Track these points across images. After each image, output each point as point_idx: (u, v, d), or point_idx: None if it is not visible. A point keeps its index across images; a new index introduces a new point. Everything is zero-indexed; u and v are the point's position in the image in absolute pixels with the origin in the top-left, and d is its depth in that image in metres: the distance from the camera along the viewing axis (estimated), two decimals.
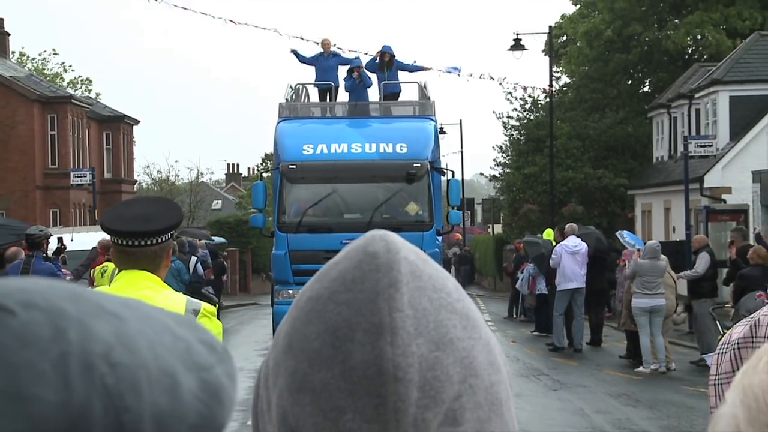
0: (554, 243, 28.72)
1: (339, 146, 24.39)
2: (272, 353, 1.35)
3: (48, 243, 18.77)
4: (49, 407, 0.83)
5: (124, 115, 60.47)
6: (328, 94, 29.29)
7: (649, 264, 21.75)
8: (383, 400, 1.22)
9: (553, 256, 25.91)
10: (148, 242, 5.06)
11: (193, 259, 30.45)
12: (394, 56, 28.81)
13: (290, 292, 23.25)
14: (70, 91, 60.69)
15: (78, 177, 44.58)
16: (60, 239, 21.50)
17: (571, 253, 25.85)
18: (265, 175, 33.48)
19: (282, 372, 1.29)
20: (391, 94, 28.59)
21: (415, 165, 23.43)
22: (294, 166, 23.65)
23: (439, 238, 26.16)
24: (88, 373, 0.86)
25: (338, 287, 1.29)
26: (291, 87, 28.47)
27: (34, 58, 68.88)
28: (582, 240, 25.77)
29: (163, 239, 5.18)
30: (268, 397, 1.33)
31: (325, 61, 28.33)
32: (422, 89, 29.37)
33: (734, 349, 2.50)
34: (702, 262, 23.02)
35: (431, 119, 26.80)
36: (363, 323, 1.25)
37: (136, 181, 64.51)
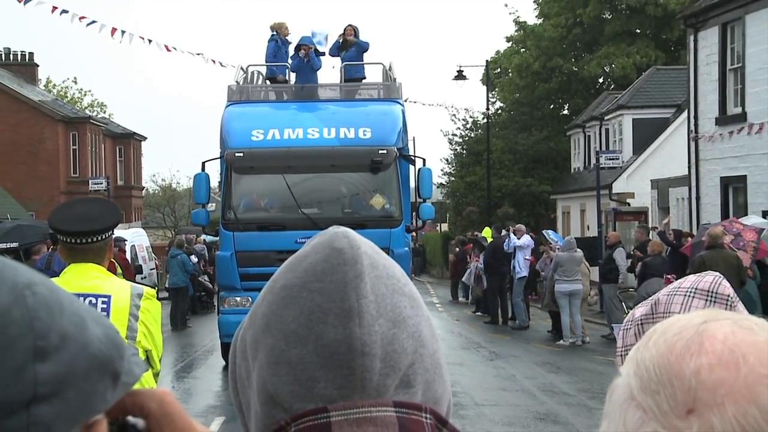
0: (490, 239, 28.87)
1: (293, 131, 17.57)
2: (250, 330, 1.34)
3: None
4: None
5: (134, 132, 60.04)
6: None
7: (568, 256, 22.13)
8: (352, 371, 1.24)
9: (518, 244, 26.14)
10: (94, 239, 4.91)
11: (192, 255, 30.19)
12: (357, 36, 21.43)
13: (237, 299, 17.30)
14: (89, 112, 60.06)
15: (95, 184, 44.27)
16: None
17: (524, 248, 26.28)
18: (208, 164, 22.11)
19: (261, 347, 1.30)
20: (353, 78, 21.22)
21: (380, 152, 17.01)
22: (241, 154, 16.95)
23: (408, 236, 19.22)
24: (13, 291, 0.94)
25: (310, 277, 1.29)
26: (243, 69, 21.31)
27: (58, 85, 68.13)
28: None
29: (105, 236, 4.99)
30: (247, 366, 1.33)
31: (284, 49, 21.03)
32: (387, 71, 22.48)
33: (637, 324, 2.46)
34: (622, 257, 23.72)
35: (398, 102, 19.93)
36: (334, 308, 1.26)
37: (144, 187, 63.86)
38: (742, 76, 25.06)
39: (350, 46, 20.93)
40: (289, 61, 21.09)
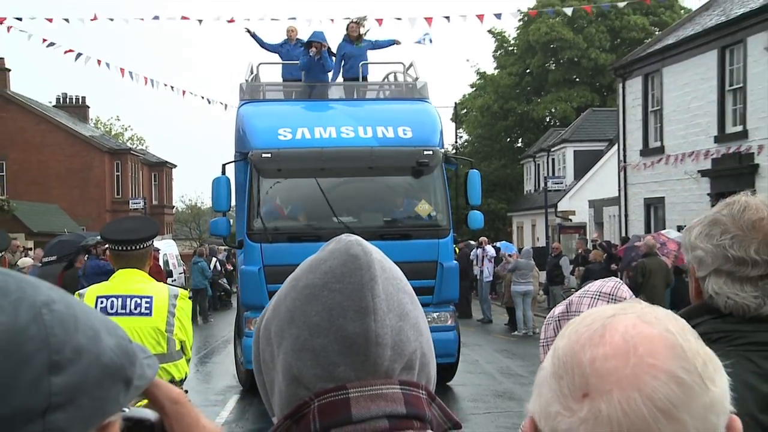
0: (458, 250, 28.84)
1: (324, 130, 12.59)
2: (274, 321, 1.32)
3: (99, 247, 17.96)
4: (1, 324, 0.88)
5: (166, 161, 60.01)
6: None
7: (524, 262, 22.27)
8: (368, 358, 1.25)
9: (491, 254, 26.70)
10: (137, 247, 4.97)
11: (214, 259, 30.45)
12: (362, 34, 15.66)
13: None
14: (129, 145, 59.99)
15: (134, 203, 44.70)
16: None
17: (489, 258, 26.55)
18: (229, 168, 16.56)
19: (286, 336, 1.29)
20: (354, 77, 15.36)
21: (425, 152, 12.44)
22: (269, 155, 12.09)
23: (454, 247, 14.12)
24: (32, 309, 0.90)
25: (330, 279, 1.28)
26: (253, 68, 15.79)
27: (105, 123, 68.04)
28: None
29: (146, 245, 5.06)
30: (271, 351, 1.32)
31: (292, 50, 15.98)
32: (406, 70, 16.26)
33: (556, 320, 2.44)
34: (566, 264, 24.01)
35: (428, 101, 14.79)
36: (353, 306, 1.26)
37: (174, 206, 63.67)
38: (661, 117, 25.19)
39: (359, 39, 15.45)
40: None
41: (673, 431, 0.92)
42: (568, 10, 28.37)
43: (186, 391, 5.03)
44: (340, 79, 15.28)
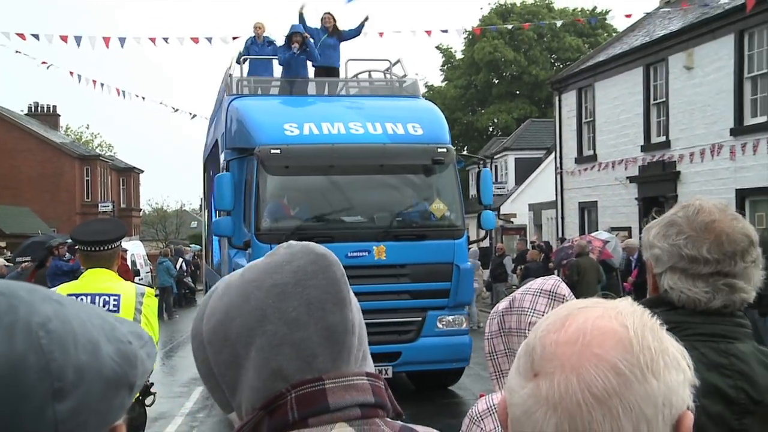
0: None
1: (332, 125, 11.04)
2: (233, 323, 1.27)
3: (61, 247, 17.36)
4: None
5: (134, 167, 59.02)
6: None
7: (472, 262, 22.27)
8: (344, 346, 1.27)
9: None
10: (104, 248, 4.89)
11: (180, 260, 30.23)
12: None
13: None
14: (99, 151, 59.05)
15: (103, 206, 44.13)
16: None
17: None
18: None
19: (259, 334, 1.25)
20: (324, 68, 13.69)
21: (439, 149, 11.19)
22: (278, 151, 10.57)
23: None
24: (28, 335, 0.82)
25: (302, 277, 1.27)
26: (238, 62, 13.90)
27: (75, 130, 66.81)
28: None
29: (114, 246, 4.96)
30: (233, 352, 1.27)
31: (261, 51, 14.25)
32: (392, 67, 14.31)
33: (500, 315, 2.43)
34: (509, 263, 24.34)
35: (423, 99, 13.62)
36: (331, 298, 1.26)
37: (141, 209, 62.84)
38: (593, 127, 25.51)
39: (338, 32, 13.92)
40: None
41: (602, 416, 0.91)
42: (509, 27, 28.62)
43: (152, 384, 5.06)
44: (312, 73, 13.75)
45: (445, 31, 22.51)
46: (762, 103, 18.67)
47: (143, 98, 23.16)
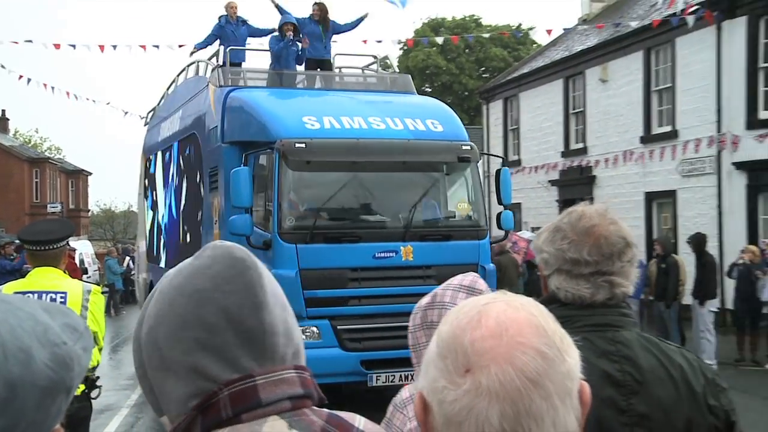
0: None
1: (352, 120, 9.74)
2: (160, 328, 1.25)
3: (8, 247, 16.97)
4: None
5: (83, 169, 57.76)
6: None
7: None
8: (265, 347, 1.25)
9: None
10: (50, 247, 4.79)
11: (128, 258, 29.75)
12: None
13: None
14: (48, 154, 57.61)
15: (52, 207, 43.01)
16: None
17: None
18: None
19: (182, 339, 1.23)
20: (315, 60, 12.12)
21: (464, 147, 9.98)
22: (303, 144, 9.16)
23: None
24: None
25: (220, 282, 1.24)
26: (221, 53, 12.28)
27: (24, 134, 64.99)
28: None
29: (60, 245, 4.86)
30: (161, 356, 1.25)
31: (236, 30, 12.60)
32: (380, 63, 13.50)
33: (423, 310, 2.42)
34: None
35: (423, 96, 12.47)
36: (248, 303, 1.24)
37: (90, 210, 61.49)
38: (518, 134, 25.90)
39: (327, 24, 12.37)
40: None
41: (539, 396, 0.95)
42: (440, 40, 28.83)
43: (98, 377, 5.02)
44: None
45: (380, 41, 22.47)
46: (666, 114, 19.25)
47: (94, 101, 22.75)
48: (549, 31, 20.78)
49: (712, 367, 2.05)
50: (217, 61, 12.27)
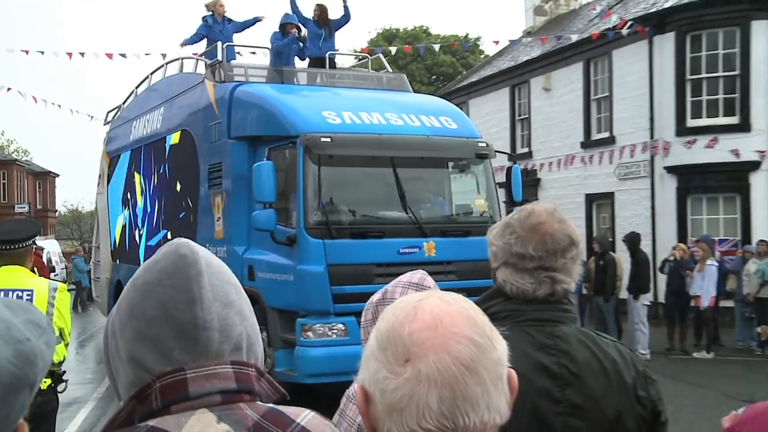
0: None
1: (370, 115, 9.25)
2: (117, 317, 1.27)
3: None
4: None
5: (50, 171, 56.59)
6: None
7: None
8: (198, 342, 1.22)
9: None
10: (18, 246, 4.70)
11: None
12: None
13: (325, 328, 8.52)
14: (15, 156, 56.34)
15: (20, 208, 42.14)
16: None
17: None
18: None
19: (127, 329, 1.24)
20: (317, 59, 11.49)
21: (480, 144, 9.63)
22: (328, 139, 8.63)
23: None
24: None
25: (162, 276, 1.24)
26: (223, 48, 10.84)
27: None
28: None
29: (26, 244, 4.75)
30: (116, 343, 1.26)
31: (219, 28, 11.69)
32: (368, 61, 13.03)
33: (374, 306, 2.42)
34: None
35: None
36: (183, 298, 1.22)
37: (57, 210, 60.32)
38: None
39: (328, 23, 11.73)
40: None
41: (474, 382, 0.97)
42: (393, 49, 28.88)
43: (64, 372, 4.93)
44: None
45: (337, 50, 22.17)
46: (604, 122, 19.59)
47: (59, 106, 22.20)
48: (496, 42, 21.04)
49: (643, 360, 2.06)
50: (209, 59, 11.22)
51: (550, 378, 1.90)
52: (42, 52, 17.95)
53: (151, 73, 13.75)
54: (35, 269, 13.09)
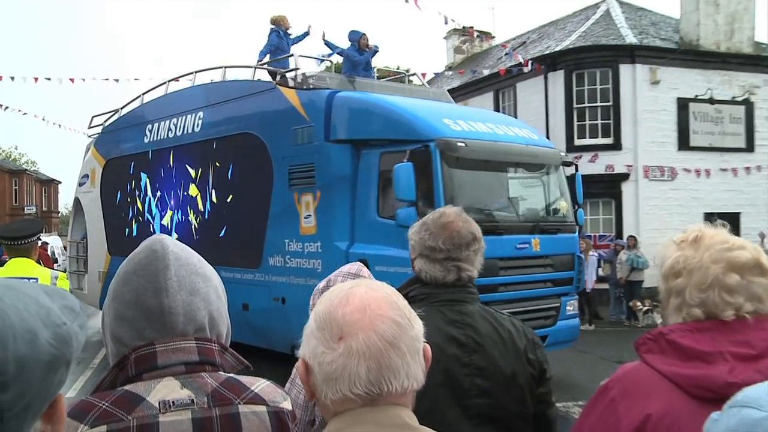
0: None
1: (484, 125, 8.35)
2: (107, 299, 1.27)
3: None
4: None
5: (54, 178, 55.06)
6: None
7: None
8: (164, 324, 1.22)
9: None
10: (23, 242, 4.62)
11: None
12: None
13: None
14: (25, 167, 54.59)
15: (29, 210, 41.12)
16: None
17: None
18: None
19: (110, 309, 1.25)
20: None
21: (562, 154, 9.20)
22: (463, 144, 7.55)
23: None
24: None
25: (137, 267, 1.24)
26: (296, 59, 9.64)
27: (5, 150, 61.35)
28: None
29: (31, 240, 4.67)
30: (104, 321, 1.27)
31: (287, 42, 10.42)
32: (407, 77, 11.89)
33: (320, 293, 2.33)
34: None
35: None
36: (151, 287, 1.22)
37: (60, 211, 58.65)
38: None
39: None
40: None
41: (396, 355, 0.99)
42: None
43: None
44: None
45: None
46: None
47: (60, 125, 21.61)
48: (424, 74, 21.10)
49: (532, 330, 2.09)
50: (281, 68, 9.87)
51: (459, 347, 1.92)
52: (48, 79, 17.39)
53: (168, 82, 12.21)
54: (40, 261, 12.56)
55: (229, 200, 10.15)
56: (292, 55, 9.75)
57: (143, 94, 13.02)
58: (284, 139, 9.17)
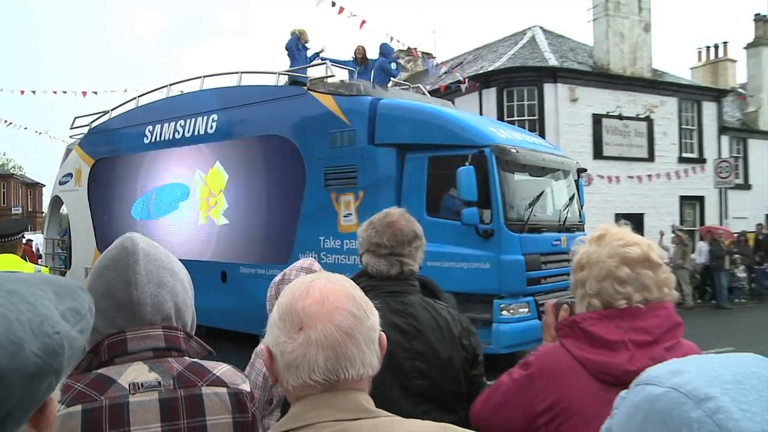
0: None
1: (518, 134, 8.43)
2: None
3: None
4: None
5: (38, 182, 52.91)
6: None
7: None
8: (134, 314, 1.20)
9: None
10: (9, 239, 4.48)
11: None
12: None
13: (516, 306, 7.29)
14: (12, 171, 52.39)
15: (15, 210, 39.42)
16: None
17: None
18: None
19: (87, 300, 1.23)
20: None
21: (576, 162, 9.14)
22: (515, 150, 7.51)
23: None
24: None
25: (109, 262, 1.23)
26: (330, 67, 9.03)
27: None
28: None
29: (16, 238, 4.54)
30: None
31: (306, 52, 9.99)
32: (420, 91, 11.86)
33: (276, 285, 2.35)
34: None
35: None
36: (122, 281, 1.21)
37: (44, 212, 56.25)
38: None
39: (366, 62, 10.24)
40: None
41: (352, 344, 0.96)
42: None
43: None
44: None
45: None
46: None
47: (40, 133, 20.88)
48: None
49: (466, 318, 2.09)
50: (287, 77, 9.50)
51: (401, 333, 1.91)
52: (34, 92, 16.78)
53: (170, 85, 11.19)
54: (26, 257, 12.01)
55: (251, 200, 9.40)
56: (325, 63, 9.28)
57: (138, 97, 11.99)
58: (319, 142, 8.61)
